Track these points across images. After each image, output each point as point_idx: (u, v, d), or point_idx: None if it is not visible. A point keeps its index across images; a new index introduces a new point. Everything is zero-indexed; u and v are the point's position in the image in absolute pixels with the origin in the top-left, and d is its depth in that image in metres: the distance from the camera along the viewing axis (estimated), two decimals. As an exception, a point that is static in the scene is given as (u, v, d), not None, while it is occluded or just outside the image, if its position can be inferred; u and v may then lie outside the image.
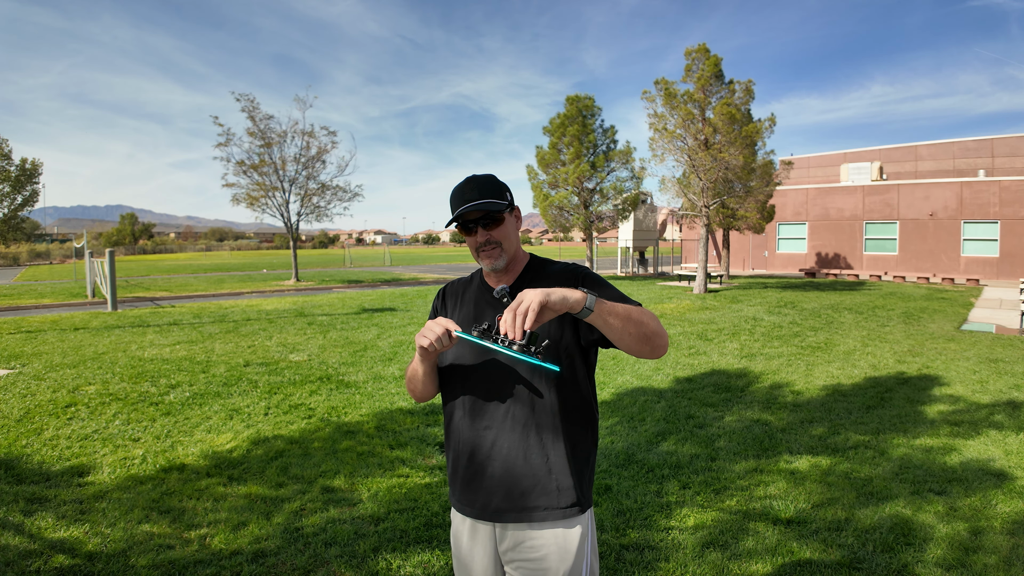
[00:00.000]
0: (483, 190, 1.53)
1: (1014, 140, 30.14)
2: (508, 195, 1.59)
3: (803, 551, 3.02)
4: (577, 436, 1.53)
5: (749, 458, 4.30)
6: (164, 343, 9.17)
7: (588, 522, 1.52)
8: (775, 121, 16.68)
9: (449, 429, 1.61)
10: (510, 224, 1.58)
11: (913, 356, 7.94)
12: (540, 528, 1.48)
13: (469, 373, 1.54)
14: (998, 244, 23.28)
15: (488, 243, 1.54)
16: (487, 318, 1.56)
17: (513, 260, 1.59)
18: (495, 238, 1.54)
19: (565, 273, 1.57)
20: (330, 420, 5.24)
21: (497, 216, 1.54)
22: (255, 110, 21.44)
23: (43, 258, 51.33)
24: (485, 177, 1.58)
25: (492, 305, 1.58)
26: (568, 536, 1.48)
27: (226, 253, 78.11)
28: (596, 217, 22.31)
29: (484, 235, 1.54)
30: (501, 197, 1.55)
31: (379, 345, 8.89)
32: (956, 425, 5.00)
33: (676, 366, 7.37)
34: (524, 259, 1.64)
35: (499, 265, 1.55)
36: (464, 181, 1.56)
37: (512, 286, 1.58)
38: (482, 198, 1.52)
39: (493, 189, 1.55)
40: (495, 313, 1.56)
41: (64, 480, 3.95)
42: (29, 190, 23.43)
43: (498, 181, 1.58)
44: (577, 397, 1.53)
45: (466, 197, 1.52)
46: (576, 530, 1.49)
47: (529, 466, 1.48)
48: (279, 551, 3.05)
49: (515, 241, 1.59)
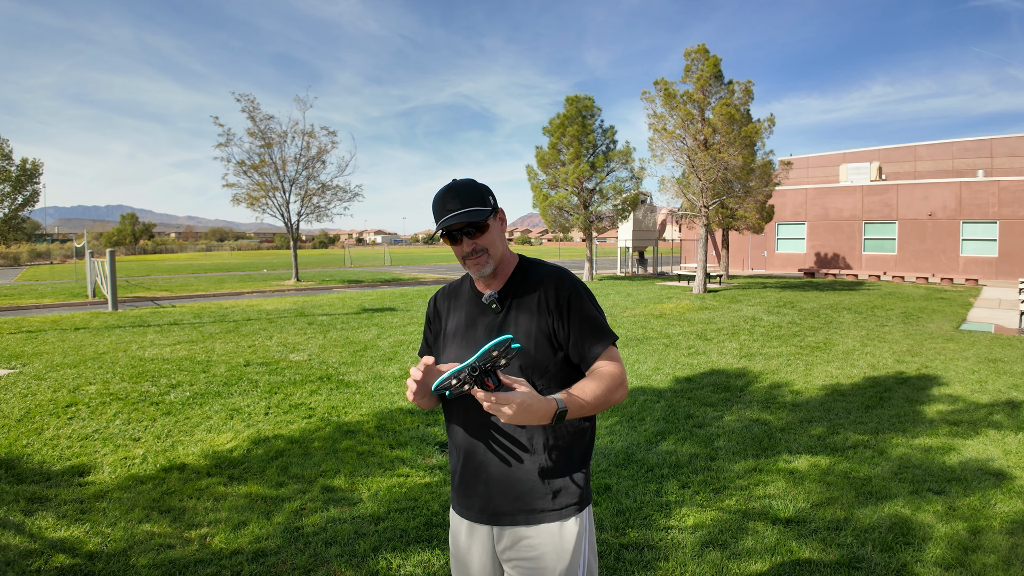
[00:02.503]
0: (464, 198, 1.50)
1: (1013, 140, 30.16)
2: (490, 199, 1.56)
3: (802, 550, 3.03)
4: (573, 437, 1.53)
5: (748, 458, 4.31)
6: (165, 343, 9.17)
7: (585, 521, 1.53)
8: (774, 121, 16.69)
9: (449, 432, 1.62)
10: (495, 229, 1.56)
11: (912, 356, 7.95)
12: (536, 527, 1.49)
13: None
14: (997, 244, 23.29)
15: (475, 252, 1.53)
16: (479, 325, 1.57)
17: (501, 263, 1.58)
18: (481, 245, 1.52)
19: (550, 282, 1.55)
20: (330, 420, 5.24)
21: (481, 224, 1.52)
22: (255, 110, 21.46)
23: (44, 258, 51.31)
24: (464, 184, 1.54)
25: (483, 311, 1.58)
26: (564, 535, 1.49)
27: (226, 253, 78.11)
28: (596, 217, 22.31)
29: (470, 244, 1.52)
30: (483, 203, 1.52)
31: (379, 345, 8.89)
32: (955, 425, 5.01)
33: (675, 366, 7.38)
34: (512, 261, 1.63)
35: (486, 272, 1.54)
36: (444, 190, 1.52)
37: (501, 290, 1.58)
38: (464, 207, 1.49)
39: (474, 196, 1.51)
40: (486, 320, 1.57)
41: (65, 480, 3.95)
42: (29, 190, 23.44)
43: (478, 185, 1.55)
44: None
45: (448, 207, 1.50)
46: (572, 529, 1.49)
47: (524, 468, 1.49)
48: (279, 550, 3.06)
49: (501, 245, 1.58)
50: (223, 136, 21.45)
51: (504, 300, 1.57)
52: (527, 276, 1.59)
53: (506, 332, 1.52)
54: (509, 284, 1.59)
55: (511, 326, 1.53)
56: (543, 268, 1.61)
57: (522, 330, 1.51)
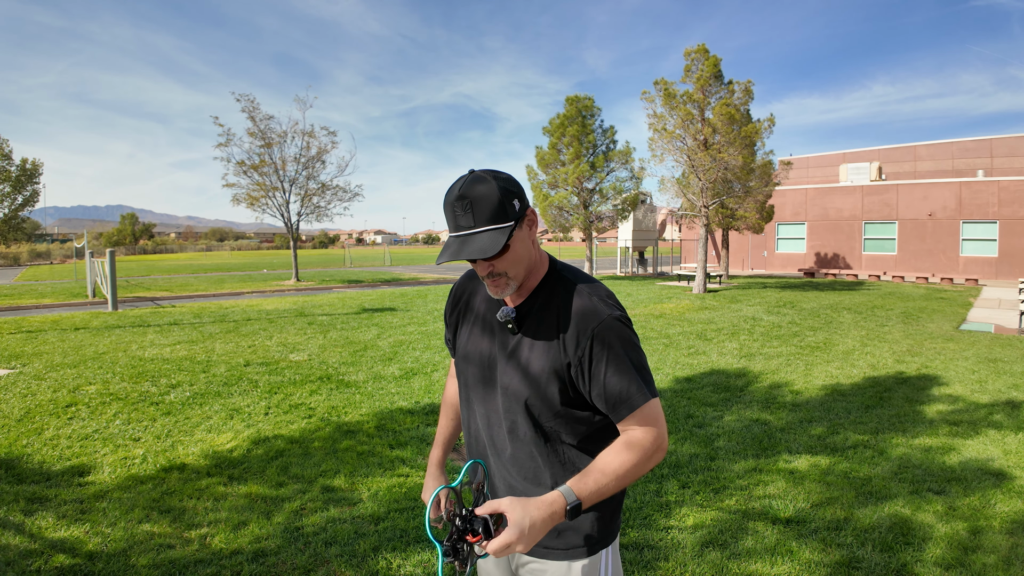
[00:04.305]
0: (479, 213, 1.18)
1: (1013, 140, 30.16)
2: (516, 205, 1.22)
3: (802, 550, 3.03)
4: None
5: (748, 457, 4.31)
6: (164, 343, 9.17)
7: (600, 561, 1.37)
8: (774, 121, 16.71)
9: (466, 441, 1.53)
10: (519, 244, 1.25)
11: (912, 356, 7.95)
12: (542, 561, 1.37)
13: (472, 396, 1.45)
14: (997, 244, 23.30)
15: (491, 275, 1.27)
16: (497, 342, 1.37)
17: (529, 274, 1.32)
18: (499, 269, 1.25)
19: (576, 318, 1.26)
20: (330, 420, 5.24)
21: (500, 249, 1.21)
22: (255, 110, 21.46)
23: (44, 258, 51.30)
24: (482, 189, 1.19)
25: (500, 328, 1.37)
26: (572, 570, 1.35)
27: (226, 253, 78.10)
28: (596, 217, 22.32)
29: (486, 267, 1.26)
30: (503, 217, 1.19)
31: (379, 345, 8.89)
32: (955, 425, 5.01)
33: (675, 366, 7.38)
34: (541, 270, 1.35)
35: (507, 294, 1.30)
36: (456, 196, 1.19)
37: (520, 306, 1.34)
38: (478, 225, 1.18)
39: (494, 207, 1.18)
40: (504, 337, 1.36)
41: (64, 480, 3.95)
42: (29, 190, 23.47)
43: (499, 188, 1.20)
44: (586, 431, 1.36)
45: (459, 223, 1.20)
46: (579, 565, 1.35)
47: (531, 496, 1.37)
48: (279, 550, 3.06)
49: (526, 259, 1.29)
50: (223, 136, 21.47)
51: (522, 320, 1.33)
52: (552, 295, 1.32)
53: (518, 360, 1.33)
54: (531, 300, 1.33)
55: (523, 356, 1.32)
56: (572, 290, 1.31)
57: (534, 367, 1.30)
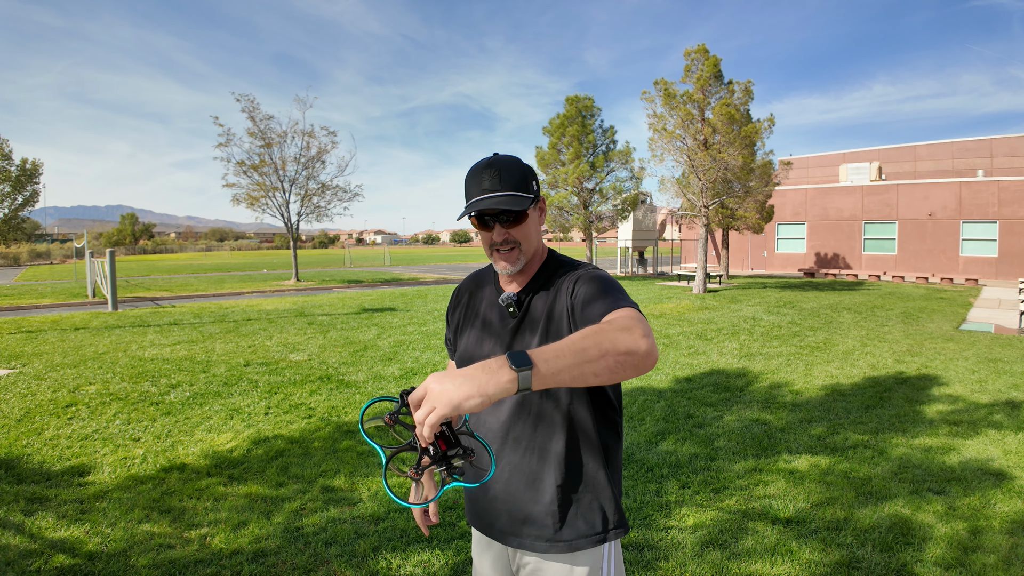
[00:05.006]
0: (507, 179, 1.27)
1: (1013, 140, 30.17)
2: (534, 185, 1.32)
3: (802, 550, 3.03)
4: (587, 467, 1.35)
5: (748, 458, 4.31)
6: (164, 343, 9.17)
7: (602, 559, 1.35)
8: (774, 121, 16.70)
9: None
10: (532, 221, 1.34)
11: (912, 356, 7.95)
12: (542, 560, 1.35)
13: None
14: (997, 244, 23.30)
15: (506, 242, 1.32)
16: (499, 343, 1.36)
17: (532, 258, 1.38)
18: (514, 237, 1.31)
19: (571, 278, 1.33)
20: (330, 420, 5.24)
21: (520, 213, 1.30)
22: (255, 110, 21.47)
23: (43, 258, 51.31)
24: (508, 161, 1.30)
25: (502, 315, 1.40)
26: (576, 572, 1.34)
27: (226, 253, 78.10)
28: (596, 217, 22.32)
29: (502, 233, 1.31)
30: (527, 189, 1.30)
31: (379, 345, 8.89)
32: (955, 425, 5.01)
33: (675, 366, 7.38)
34: (541, 256, 1.41)
35: (515, 269, 1.34)
36: (484, 164, 1.29)
37: (522, 291, 1.38)
38: (504, 190, 1.26)
39: (518, 178, 1.28)
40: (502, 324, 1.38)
41: (64, 480, 3.95)
42: (29, 190, 23.46)
43: (523, 165, 1.31)
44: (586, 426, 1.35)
45: (484, 186, 1.27)
46: (582, 568, 1.33)
47: (530, 493, 1.34)
48: (279, 550, 3.06)
49: (536, 239, 1.36)
50: (223, 136, 21.48)
51: (522, 303, 1.38)
52: (551, 278, 1.37)
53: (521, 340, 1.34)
54: (531, 285, 1.38)
55: (524, 343, 1.34)
56: (570, 267, 1.38)
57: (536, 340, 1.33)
